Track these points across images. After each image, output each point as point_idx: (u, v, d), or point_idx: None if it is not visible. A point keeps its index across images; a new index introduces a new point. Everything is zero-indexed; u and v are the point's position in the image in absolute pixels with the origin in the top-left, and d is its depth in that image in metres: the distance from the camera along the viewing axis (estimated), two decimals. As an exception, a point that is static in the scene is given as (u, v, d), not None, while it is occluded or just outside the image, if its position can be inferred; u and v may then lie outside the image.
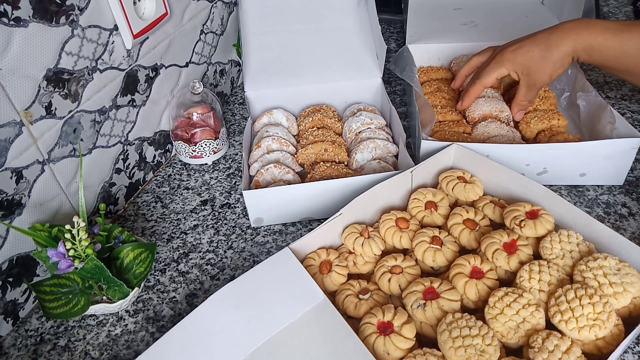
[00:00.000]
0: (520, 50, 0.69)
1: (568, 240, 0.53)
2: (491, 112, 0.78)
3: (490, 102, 0.79)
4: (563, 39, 0.67)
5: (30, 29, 0.52)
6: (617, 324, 0.47)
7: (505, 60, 0.70)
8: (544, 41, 0.68)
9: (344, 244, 0.58)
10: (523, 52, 0.69)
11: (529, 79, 0.70)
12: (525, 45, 0.69)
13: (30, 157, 0.55)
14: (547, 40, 0.68)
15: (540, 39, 0.68)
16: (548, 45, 0.67)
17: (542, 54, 0.68)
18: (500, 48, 0.73)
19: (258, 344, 0.47)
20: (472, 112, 0.79)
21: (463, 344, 0.45)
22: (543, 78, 0.70)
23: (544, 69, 0.69)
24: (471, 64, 0.79)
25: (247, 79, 0.83)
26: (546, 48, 0.67)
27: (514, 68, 0.70)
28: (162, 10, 0.70)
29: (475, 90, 0.75)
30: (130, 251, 0.57)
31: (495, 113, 0.78)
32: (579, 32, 0.66)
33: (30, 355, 0.55)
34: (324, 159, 0.73)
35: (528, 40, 0.70)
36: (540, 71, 0.69)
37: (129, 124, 0.71)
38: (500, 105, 0.79)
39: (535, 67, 0.69)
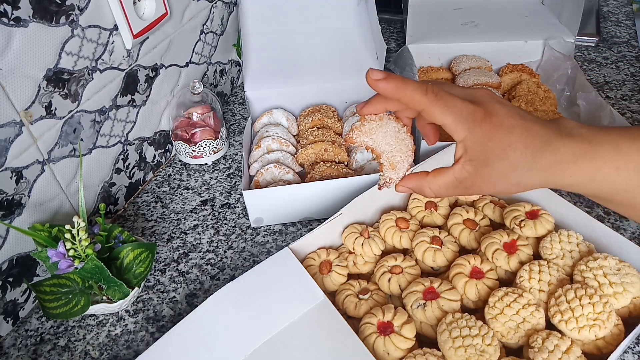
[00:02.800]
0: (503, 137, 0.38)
1: (568, 240, 0.53)
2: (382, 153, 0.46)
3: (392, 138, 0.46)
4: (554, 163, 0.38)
5: (30, 29, 0.52)
6: (617, 324, 0.47)
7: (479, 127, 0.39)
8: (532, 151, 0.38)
9: (344, 244, 0.58)
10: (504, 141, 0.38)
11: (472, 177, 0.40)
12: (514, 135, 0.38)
13: (30, 157, 0.55)
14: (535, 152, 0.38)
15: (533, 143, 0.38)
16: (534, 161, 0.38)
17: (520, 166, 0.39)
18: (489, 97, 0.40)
19: (258, 344, 0.47)
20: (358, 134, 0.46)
21: (463, 344, 0.45)
22: (485, 189, 0.41)
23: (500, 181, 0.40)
24: None
25: (247, 79, 0.83)
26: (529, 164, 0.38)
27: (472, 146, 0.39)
28: (162, 10, 0.70)
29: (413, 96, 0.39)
30: (130, 251, 0.57)
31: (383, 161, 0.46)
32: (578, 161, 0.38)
33: (30, 355, 0.55)
34: (324, 159, 0.73)
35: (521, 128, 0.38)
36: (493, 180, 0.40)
37: (129, 124, 0.71)
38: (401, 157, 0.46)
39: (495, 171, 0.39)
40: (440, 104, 0.39)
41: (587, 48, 1.06)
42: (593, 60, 1.02)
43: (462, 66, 0.90)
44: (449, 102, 0.39)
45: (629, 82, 0.95)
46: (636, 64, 1.00)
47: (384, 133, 0.45)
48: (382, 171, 0.45)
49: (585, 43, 1.06)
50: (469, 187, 0.41)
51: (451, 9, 1.02)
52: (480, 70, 0.88)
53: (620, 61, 1.02)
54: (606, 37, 1.09)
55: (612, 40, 1.08)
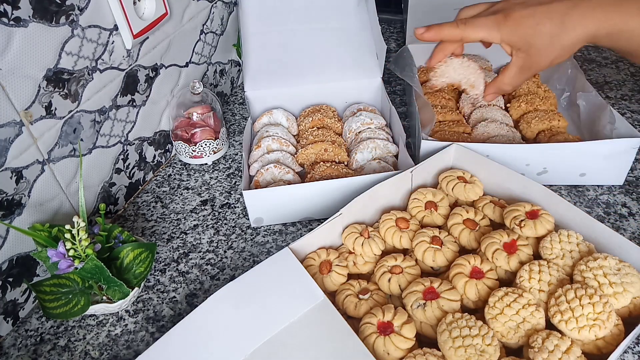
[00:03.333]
0: (529, 21, 0.53)
1: (568, 240, 0.53)
2: (460, 82, 0.66)
3: (465, 69, 0.66)
4: (585, 19, 0.51)
5: (30, 29, 0.52)
6: (617, 324, 0.47)
7: (506, 25, 0.54)
8: (560, 16, 0.52)
9: (344, 244, 0.58)
10: (531, 23, 0.53)
11: (526, 59, 0.55)
12: (537, 15, 0.52)
13: (30, 157, 0.55)
14: (564, 16, 0.52)
15: (557, 12, 0.52)
16: (565, 23, 0.51)
17: (554, 32, 0.52)
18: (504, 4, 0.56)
19: (258, 344, 0.47)
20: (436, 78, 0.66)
21: (463, 344, 0.45)
22: (542, 63, 0.55)
23: (549, 51, 0.53)
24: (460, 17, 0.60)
25: (247, 79, 0.83)
26: (561, 26, 0.52)
27: (511, 40, 0.54)
28: (162, 10, 0.70)
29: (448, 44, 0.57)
30: (130, 251, 0.57)
31: (464, 86, 0.66)
32: (608, 12, 0.50)
33: (30, 355, 0.55)
34: (324, 159, 0.73)
35: (542, 7, 0.52)
36: (543, 53, 0.54)
37: (129, 124, 0.71)
38: (475, 77, 0.66)
39: (539, 46, 0.53)
40: (470, 27, 0.55)
41: (587, 48, 1.06)
42: (593, 60, 1.02)
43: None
44: (476, 23, 0.55)
45: (629, 82, 0.95)
46: (636, 64, 1.00)
47: (453, 69, 0.62)
48: (467, 94, 0.65)
49: (585, 43, 1.05)
50: (531, 67, 0.56)
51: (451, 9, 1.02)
52: (480, 70, 0.88)
53: (620, 61, 1.02)
54: (606, 37, 1.09)
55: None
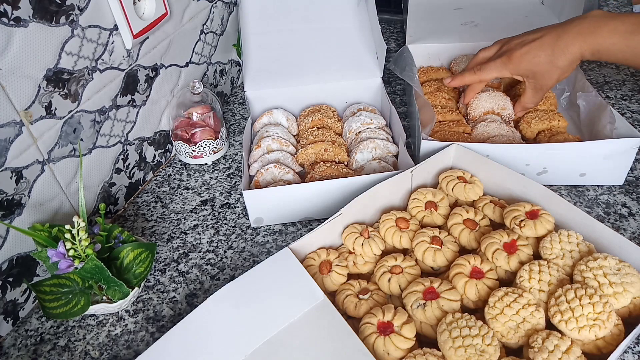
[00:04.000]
0: (526, 57, 0.68)
1: (568, 240, 0.53)
2: (493, 109, 0.78)
3: (493, 98, 0.79)
4: (570, 44, 0.65)
5: (30, 29, 0.52)
6: (617, 324, 0.47)
7: (511, 64, 0.69)
8: (550, 46, 0.66)
9: (344, 244, 0.58)
10: (529, 57, 0.67)
11: (536, 82, 0.70)
12: (532, 51, 0.67)
13: (30, 157, 0.55)
14: (554, 46, 0.66)
15: (547, 44, 0.66)
16: (555, 50, 0.66)
17: (549, 59, 0.66)
18: (507, 46, 0.71)
19: (258, 344, 0.47)
20: (473, 110, 0.79)
21: (463, 344, 0.45)
22: (549, 83, 0.69)
23: (550, 74, 0.68)
24: (477, 60, 0.76)
25: (247, 79, 0.83)
26: (553, 53, 0.66)
27: (518, 72, 0.70)
28: (162, 10, 0.70)
29: (475, 85, 0.75)
30: (130, 251, 0.57)
31: (497, 110, 0.78)
32: (586, 37, 0.64)
33: (30, 355, 0.55)
34: (324, 159, 0.73)
35: (535, 43, 0.67)
36: (547, 76, 0.68)
37: (129, 124, 0.71)
38: (503, 102, 0.79)
39: (541, 72, 0.68)
40: (484, 72, 0.72)
41: (587, 48, 1.05)
42: (593, 61, 1.02)
43: (462, 66, 0.90)
44: (488, 68, 0.72)
45: (629, 82, 0.95)
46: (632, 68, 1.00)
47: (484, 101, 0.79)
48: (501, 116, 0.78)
49: (585, 43, 1.05)
50: (542, 87, 0.70)
51: (451, 9, 1.02)
52: (480, 70, 0.88)
53: (620, 61, 1.02)
54: (606, 37, 1.09)
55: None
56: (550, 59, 0.66)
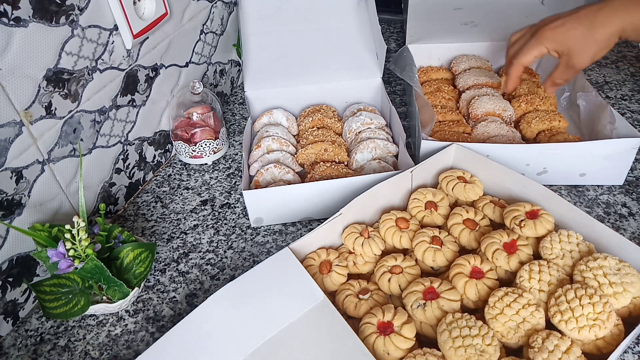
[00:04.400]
0: (562, 29, 0.63)
1: (568, 240, 0.53)
2: (494, 110, 0.78)
3: (493, 100, 0.79)
4: (610, 17, 0.60)
5: (30, 29, 0.52)
6: (617, 324, 0.47)
7: (545, 38, 0.65)
8: (588, 19, 0.62)
9: (344, 244, 0.58)
10: (564, 30, 0.63)
11: (569, 59, 0.65)
12: (568, 23, 0.63)
13: (30, 157, 0.55)
14: (592, 18, 0.61)
15: (585, 17, 0.62)
16: (593, 23, 0.61)
17: (586, 33, 0.62)
18: (540, 24, 0.68)
19: (258, 344, 0.47)
20: (475, 110, 0.79)
21: (463, 344, 0.45)
22: (584, 60, 0.64)
23: (586, 50, 0.63)
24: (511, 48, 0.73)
25: (247, 79, 0.83)
26: (591, 27, 0.61)
27: (553, 47, 0.65)
28: (162, 10, 0.70)
29: (515, 71, 0.70)
30: (130, 251, 0.57)
31: (498, 111, 0.78)
32: (629, 10, 0.59)
33: (30, 355, 0.55)
34: (324, 159, 0.73)
35: (571, 16, 0.63)
36: (582, 52, 0.64)
37: (129, 124, 0.71)
38: (503, 104, 0.78)
39: (577, 47, 0.63)
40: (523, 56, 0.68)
41: (587, 48, 1.06)
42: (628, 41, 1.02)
43: (462, 66, 0.90)
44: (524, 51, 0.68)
45: (629, 82, 0.95)
46: (636, 64, 1.00)
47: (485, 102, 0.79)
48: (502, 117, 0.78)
49: (585, 43, 1.05)
50: (575, 65, 0.66)
51: (451, 9, 1.02)
52: (480, 70, 0.88)
53: (620, 61, 1.02)
54: (606, 37, 1.09)
55: (612, 40, 1.08)
56: (588, 31, 0.62)
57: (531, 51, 0.67)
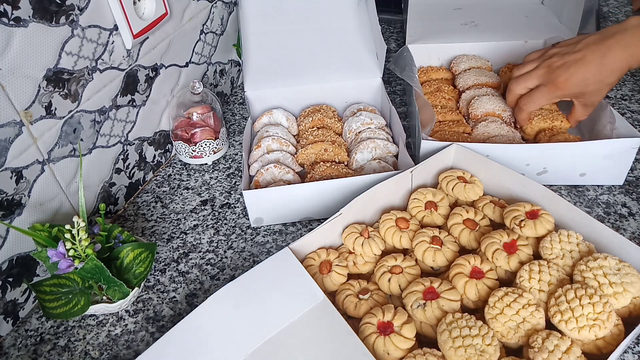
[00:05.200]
0: (573, 79, 0.65)
1: (568, 240, 0.53)
2: (494, 110, 0.78)
3: (493, 100, 0.79)
4: (617, 61, 0.62)
5: (30, 29, 0.52)
6: (617, 324, 0.47)
7: (559, 90, 0.67)
8: (597, 66, 0.63)
9: (344, 244, 0.58)
10: (576, 81, 0.65)
11: (586, 100, 0.68)
12: (578, 73, 0.64)
13: (30, 157, 0.55)
14: (600, 65, 0.63)
15: (593, 64, 0.63)
16: (602, 70, 0.63)
17: (598, 79, 0.64)
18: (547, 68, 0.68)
19: (258, 344, 0.47)
20: (474, 110, 0.79)
21: (463, 344, 0.45)
22: (599, 98, 0.68)
23: (600, 91, 0.66)
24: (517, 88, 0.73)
25: (247, 79, 0.83)
26: (600, 73, 0.63)
27: (566, 95, 0.68)
28: (162, 10, 0.70)
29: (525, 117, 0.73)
30: (130, 251, 0.57)
31: (498, 112, 0.78)
32: (632, 51, 0.62)
33: (30, 355, 0.55)
34: (324, 159, 0.73)
35: (579, 64, 0.64)
36: (596, 94, 0.66)
37: (129, 124, 0.71)
38: (503, 104, 0.78)
39: (591, 91, 0.66)
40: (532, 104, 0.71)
41: (587, 48, 1.05)
42: None
43: (462, 66, 0.90)
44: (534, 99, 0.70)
45: (629, 82, 0.95)
46: None
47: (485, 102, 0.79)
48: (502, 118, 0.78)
49: (585, 43, 1.05)
50: (593, 103, 0.68)
51: (451, 9, 1.02)
52: (480, 70, 0.88)
53: (620, 61, 1.02)
54: (606, 37, 1.09)
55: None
56: (599, 78, 0.64)
57: (542, 100, 0.70)
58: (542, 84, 0.68)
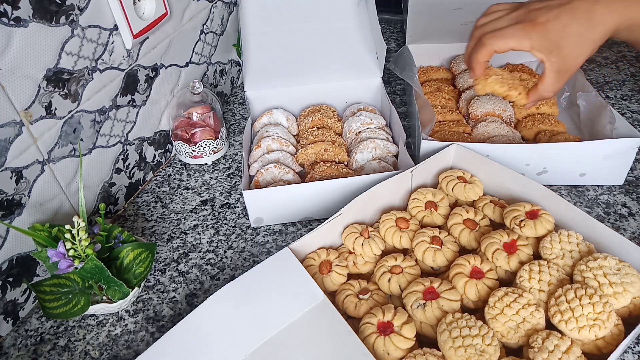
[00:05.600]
0: (555, 25, 0.52)
1: (568, 240, 0.53)
2: (494, 110, 0.77)
3: (493, 100, 0.79)
4: (608, 13, 0.52)
5: (30, 29, 0.52)
6: (617, 324, 0.47)
7: (534, 31, 0.53)
8: (585, 14, 0.52)
9: (344, 244, 0.58)
10: (559, 26, 0.52)
11: (561, 62, 0.54)
12: (563, 17, 0.52)
13: (30, 157, 0.55)
14: (589, 14, 0.52)
15: (581, 11, 0.52)
16: (591, 20, 0.52)
17: (583, 31, 0.52)
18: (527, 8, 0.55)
19: (258, 344, 0.47)
20: (474, 110, 0.79)
21: (463, 344, 0.45)
22: (578, 62, 0.54)
23: (581, 51, 0.53)
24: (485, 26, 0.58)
25: (247, 79, 0.83)
26: (588, 24, 0.52)
27: (543, 45, 0.53)
28: (162, 10, 0.70)
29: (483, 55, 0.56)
30: (130, 251, 0.57)
31: (498, 112, 0.77)
32: (628, 5, 0.52)
33: (30, 355, 0.55)
34: (324, 159, 0.73)
35: (566, 8, 0.53)
36: (576, 54, 0.53)
37: (129, 124, 0.71)
38: (503, 104, 0.78)
39: (572, 48, 0.53)
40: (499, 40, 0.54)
41: (587, 48, 1.06)
42: (593, 60, 1.02)
43: (462, 66, 0.90)
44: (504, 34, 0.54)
45: (629, 82, 0.95)
46: (636, 64, 1.00)
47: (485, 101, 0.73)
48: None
49: (585, 43, 1.05)
50: (567, 69, 0.54)
51: (451, 9, 1.02)
52: (480, 70, 0.88)
53: (620, 61, 1.02)
54: (606, 37, 1.09)
55: (612, 40, 1.08)
56: (584, 30, 0.52)
57: (511, 39, 0.54)
58: (517, 22, 0.55)
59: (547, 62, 0.54)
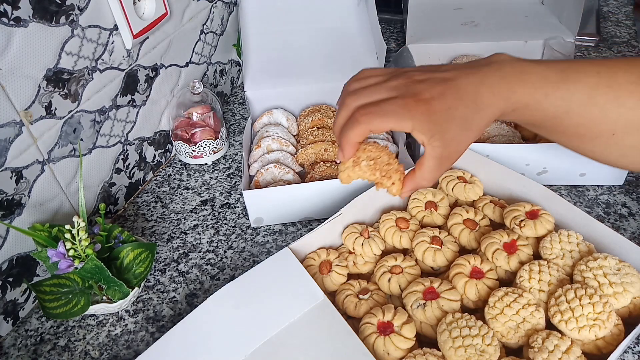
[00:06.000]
0: (440, 104, 0.43)
1: (568, 240, 0.53)
2: None
3: None
4: (493, 96, 0.44)
5: (30, 29, 0.52)
6: (617, 324, 0.47)
7: (418, 111, 0.43)
8: (472, 96, 0.44)
9: (344, 244, 0.58)
10: (444, 107, 0.43)
11: (444, 148, 0.44)
12: (448, 95, 0.44)
13: (30, 157, 0.55)
14: (475, 96, 0.44)
15: (467, 93, 0.44)
16: (477, 103, 0.44)
17: (469, 115, 0.44)
18: (408, 78, 0.45)
19: (258, 344, 0.47)
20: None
21: (463, 344, 0.45)
22: (461, 149, 0.46)
23: (466, 136, 0.45)
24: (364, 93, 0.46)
25: (247, 79, 0.83)
26: (475, 107, 0.44)
27: (423, 126, 0.43)
28: (162, 10, 0.70)
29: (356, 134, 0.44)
30: (130, 251, 0.57)
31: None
32: (513, 88, 0.44)
33: (30, 355, 0.55)
34: (324, 159, 0.73)
35: (450, 85, 0.44)
36: (460, 139, 0.45)
37: (129, 124, 0.71)
38: None
39: (455, 132, 0.44)
40: (376, 118, 0.43)
41: (587, 48, 1.06)
42: None
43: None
44: (382, 111, 0.43)
45: (629, 82, 0.95)
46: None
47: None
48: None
49: (585, 43, 1.06)
50: (450, 156, 0.45)
51: (451, 9, 1.02)
52: (480, 70, 0.88)
53: (620, 61, 1.02)
54: (606, 37, 1.09)
55: (612, 40, 1.08)
56: (470, 114, 0.44)
57: (390, 118, 0.43)
58: (398, 97, 0.44)
59: (429, 147, 0.44)
